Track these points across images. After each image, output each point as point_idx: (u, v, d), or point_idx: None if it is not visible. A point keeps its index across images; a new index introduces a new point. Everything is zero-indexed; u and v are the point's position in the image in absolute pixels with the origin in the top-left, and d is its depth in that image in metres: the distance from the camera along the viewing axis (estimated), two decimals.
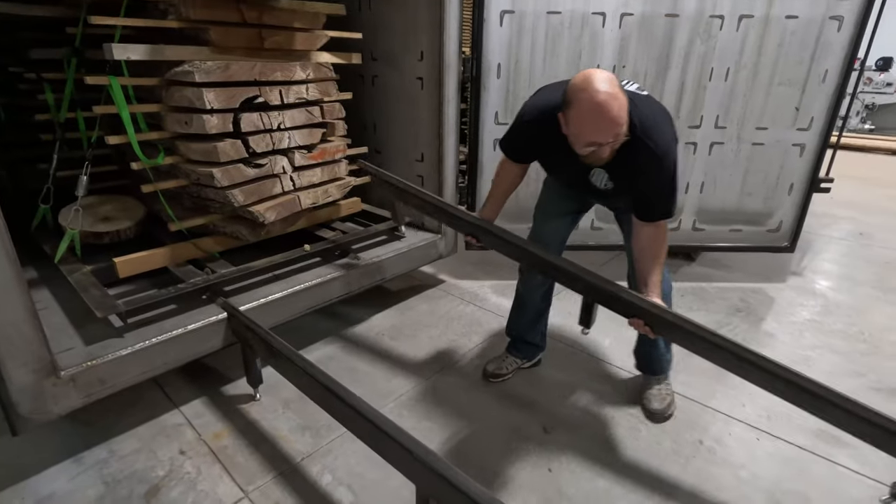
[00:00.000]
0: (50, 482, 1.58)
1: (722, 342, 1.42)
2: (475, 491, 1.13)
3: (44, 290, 2.04)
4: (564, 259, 1.75)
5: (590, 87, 1.30)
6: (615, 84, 1.32)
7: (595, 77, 1.31)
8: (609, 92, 1.29)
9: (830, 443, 1.82)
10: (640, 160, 1.46)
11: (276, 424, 1.84)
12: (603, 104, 1.29)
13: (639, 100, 1.46)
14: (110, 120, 1.99)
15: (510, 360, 2.15)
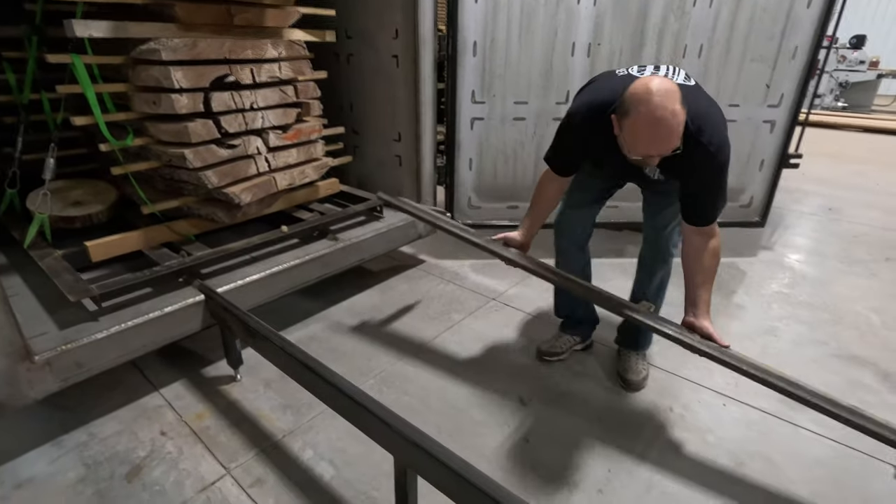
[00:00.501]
0: (29, 466, 1.58)
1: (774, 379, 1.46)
2: (450, 459, 1.17)
3: (14, 277, 2.00)
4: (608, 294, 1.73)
5: (651, 102, 1.27)
6: (675, 98, 1.27)
7: (655, 90, 1.27)
8: (670, 109, 1.26)
9: (794, 408, 1.89)
10: (693, 159, 1.41)
11: (258, 404, 1.86)
12: (662, 121, 1.27)
13: (689, 94, 1.39)
14: (76, 101, 1.94)
15: (565, 339, 2.13)
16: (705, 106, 1.46)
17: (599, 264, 2.94)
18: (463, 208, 2.95)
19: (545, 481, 1.56)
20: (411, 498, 1.34)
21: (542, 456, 1.66)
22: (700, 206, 1.54)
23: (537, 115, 2.74)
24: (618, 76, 1.55)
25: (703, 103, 1.46)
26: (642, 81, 1.31)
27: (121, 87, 1.87)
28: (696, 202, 1.54)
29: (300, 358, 1.49)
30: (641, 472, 1.60)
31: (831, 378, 2.07)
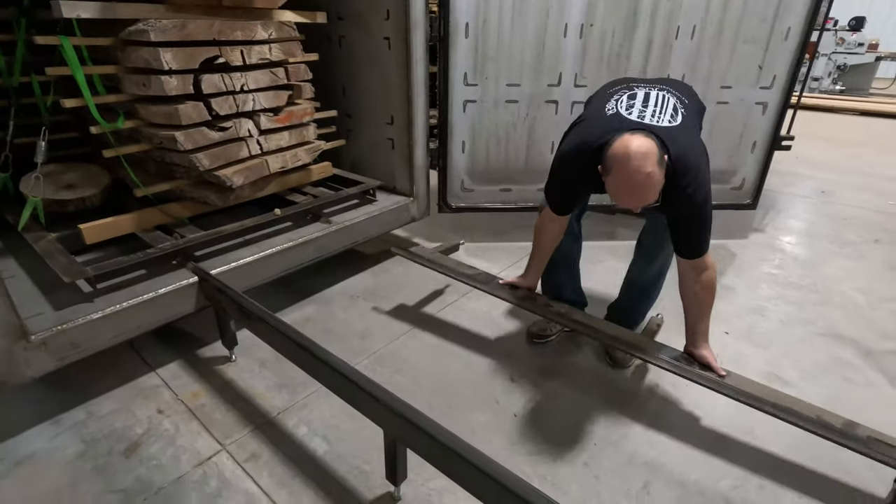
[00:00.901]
0: (29, 443, 1.62)
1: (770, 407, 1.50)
2: (437, 431, 1.21)
3: (9, 260, 2.02)
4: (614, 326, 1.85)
5: (629, 166, 1.37)
6: (651, 160, 1.36)
7: (633, 153, 1.36)
8: (645, 172, 1.35)
9: (776, 383, 1.95)
10: (676, 200, 1.51)
11: (253, 383, 1.90)
12: (638, 184, 1.38)
13: (672, 135, 1.47)
14: (66, 83, 1.93)
15: (554, 323, 2.14)
16: (685, 146, 1.50)
17: (591, 247, 2.98)
18: (456, 191, 2.96)
19: (532, 454, 1.60)
20: (400, 469, 1.38)
21: (530, 430, 1.70)
22: (688, 242, 1.60)
23: (530, 98, 2.74)
24: (606, 115, 1.60)
25: (684, 144, 1.50)
26: (622, 142, 1.40)
27: (110, 69, 1.87)
28: (683, 237, 1.61)
29: (293, 337, 1.52)
30: (626, 444, 1.65)
31: (817, 356, 2.11)
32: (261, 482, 1.50)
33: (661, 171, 1.38)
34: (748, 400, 1.53)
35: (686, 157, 1.47)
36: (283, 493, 1.46)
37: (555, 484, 1.51)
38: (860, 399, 1.88)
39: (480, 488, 1.16)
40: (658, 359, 1.69)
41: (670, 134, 1.48)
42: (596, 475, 1.54)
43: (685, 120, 1.57)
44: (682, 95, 1.69)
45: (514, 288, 2.02)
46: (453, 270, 2.21)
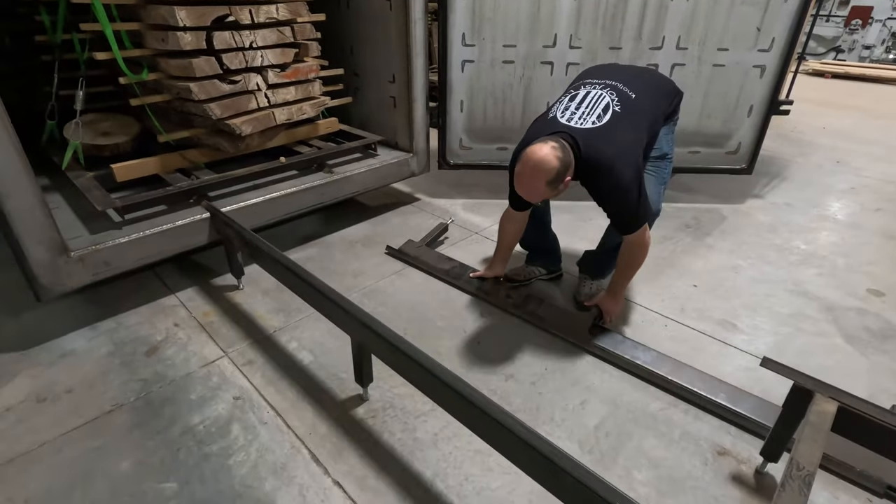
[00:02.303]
0: (71, 342, 1.96)
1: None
2: (393, 337, 1.44)
3: (55, 194, 2.36)
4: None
5: (522, 173, 1.62)
6: (540, 174, 1.57)
7: (525, 161, 1.59)
8: (529, 183, 1.61)
9: (729, 329, 2.09)
10: (598, 194, 1.71)
11: (255, 307, 2.18)
12: (522, 186, 1.65)
13: (588, 138, 1.64)
14: (102, 40, 2.19)
15: (529, 269, 2.37)
16: (599, 147, 1.64)
17: (584, 207, 3.11)
18: (454, 149, 3.13)
19: (486, 373, 1.83)
20: (366, 373, 1.63)
21: (489, 354, 1.92)
22: (616, 224, 1.80)
23: (525, 58, 2.85)
24: (546, 118, 1.78)
25: (598, 145, 1.64)
26: (527, 152, 1.60)
27: (135, 26, 2.11)
28: (613, 220, 1.80)
29: (281, 260, 1.78)
30: (574, 371, 1.85)
31: (777, 309, 2.23)
32: (253, 380, 1.78)
33: (550, 187, 1.60)
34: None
35: (597, 159, 1.63)
36: (270, 390, 1.75)
37: (502, 397, 1.73)
38: (804, 347, 2.00)
39: (430, 389, 1.37)
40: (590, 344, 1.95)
41: (587, 136, 1.65)
42: (540, 392, 1.75)
43: (614, 119, 1.69)
44: (633, 91, 1.78)
45: (481, 280, 2.29)
46: (433, 266, 2.44)
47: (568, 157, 1.61)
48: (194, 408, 1.67)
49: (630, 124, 1.72)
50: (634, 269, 1.92)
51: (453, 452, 1.52)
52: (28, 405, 1.67)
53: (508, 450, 1.19)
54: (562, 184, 1.62)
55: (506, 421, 1.14)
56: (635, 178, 1.66)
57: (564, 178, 1.61)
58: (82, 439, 1.55)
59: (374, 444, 1.55)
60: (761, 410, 1.61)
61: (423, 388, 1.42)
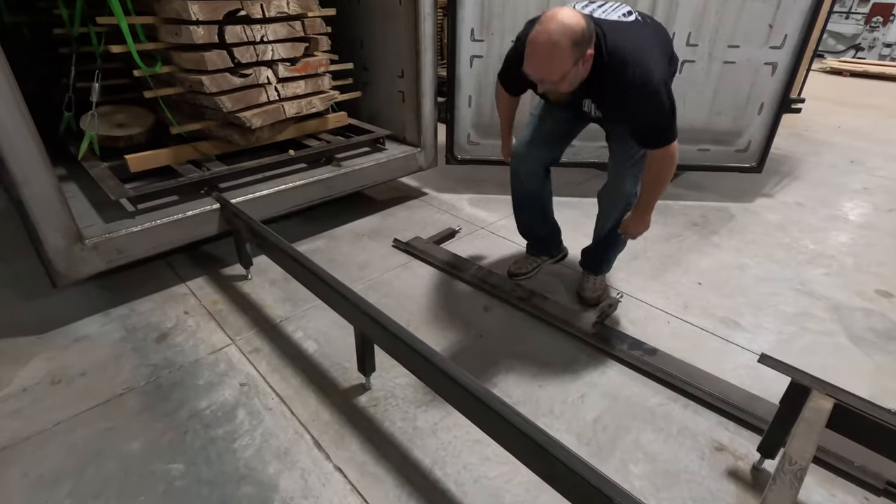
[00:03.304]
0: (85, 327, 2.02)
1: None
2: (393, 325, 1.47)
3: (72, 184, 2.42)
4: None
5: (538, 26, 1.38)
6: (564, 32, 1.35)
7: (549, 18, 1.37)
8: (551, 39, 1.36)
9: (731, 327, 2.09)
10: (619, 92, 1.50)
11: (263, 296, 2.23)
12: (538, 46, 1.39)
13: (615, 29, 1.48)
14: (118, 33, 2.24)
15: (531, 260, 2.33)
16: (634, 43, 1.49)
17: (591, 203, 3.12)
18: (462, 144, 3.15)
19: (488, 365, 1.85)
20: (368, 362, 1.66)
21: (492, 347, 1.95)
22: (646, 135, 1.60)
23: None
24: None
25: (632, 39, 1.50)
26: (547, 13, 1.40)
27: (149, 20, 2.16)
28: (641, 132, 1.61)
29: (286, 250, 1.82)
30: (576, 366, 1.86)
31: (782, 308, 2.22)
32: (259, 368, 1.83)
33: (573, 51, 1.38)
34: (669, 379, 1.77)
35: (624, 52, 1.46)
36: (275, 377, 1.79)
37: (502, 389, 1.75)
38: (807, 346, 2.00)
39: (430, 378, 1.40)
40: (592, 339, 1.94)
41: (613, 27, 1.49)
42: (541, 385, 1.77)
43: (638, 23, 1.56)
44: (649, 19, 1.68)
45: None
46: (438, 259, 2.46)
47: (591, 26, 1.41)
48: (202, 393, 1.71)
49: (652, 38, 1.58)
50: (663, 185, 1.72)
51: (452, 442, 1.55)
52: (43, 386, 1.73)
53: (503, 438, 1.21)
54: (583, 59, 1.42)
55: (501, 409, 1.17)
56: (665, 83, 1.49)
57: (587, 48, 1.41)
58: (95, 420, 1.60)
59: (375, 432, 1.58)
60: (760, 407, 1.62)
61: (422, 377, 1.45)
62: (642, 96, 1.49)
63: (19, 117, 1.62)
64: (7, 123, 1.60)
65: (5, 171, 1.64)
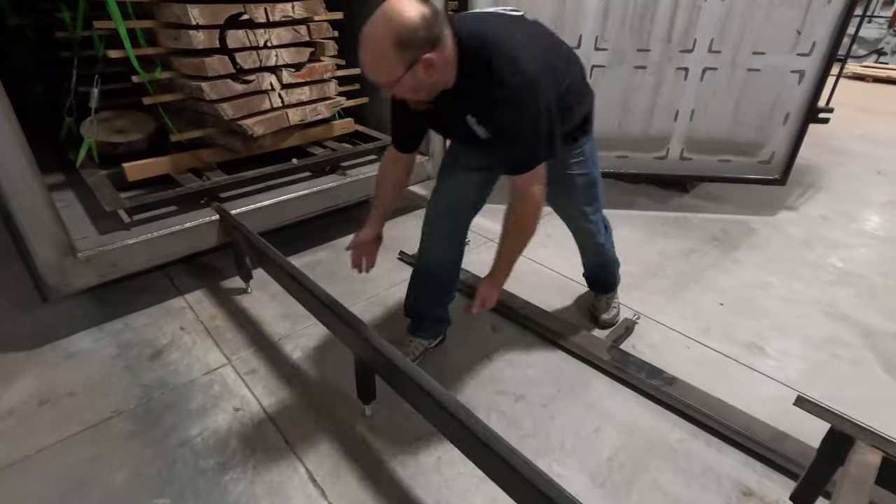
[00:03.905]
0: (77, 343, 1.94)
1: None
2: (393, 355, 1.37)
3: (69, 191, 2.36)
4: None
5: (372, 18, 1.13)
6: (391, 23, 1.10)
7: (382, 9, 1.12)
8: (376, 26, 1.11)
9: (756, 353, 1.96)
10: (481, 88, 1.21)
11: (262, 312, 2.14)
12: (364, 38, 1.13)
13: (498, 23, 1.24)
14: (118, 37, 2.17)
15: (416, 343, 1.84)
16: (512, 37, 1.21)
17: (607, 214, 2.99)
18: None
19: (497, 392, 1.74)
20: (368, 389, 1.57)
21: (499, 371, 1.84)
22: (509, 149, 1.28)
23: None
24: None
25: (510, 33, 1.22)
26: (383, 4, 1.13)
27: (148, 24, 2.08)
28: (506, 142, 1.28)
29: (284, 266, 1.73)
30: (589, 395, 1.75)
31: (810, 332, 2.09)
32: (255, 391, 1.74)
33: (397, 53, 1.11)
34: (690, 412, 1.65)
35: (506, 45, 1.19)
36: (271, 401, 1.70)
37: (511, 420, 1.64)
38: (839, 376, 1.86)
39: (430, 413, 1.30)
40: (607, 365, 1.83)
41: (480, 15, 1.26)
42: (552, 416, 1.66)
43: (526, 21, 1.32)
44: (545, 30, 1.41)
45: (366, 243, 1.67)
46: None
47: (438, 22, 1.13)
48: (194, 418, 1.63)
49: (543, 37, 1.33)
50: (524, 236, 1.39)
51: (456, 479, 1.45)
52: (30, 407, 1.66)
53: (508, 485, 1.11)
54: (418, 63, 1.13)
55: (510, 458, 1.06)
56: (542, 83, 1.19)
57: (422, 50, 1.12)
58: (80, 446, 1.52)
59: (374, 466, 1.48)
60: (791, 447, 1.49)
61: (422, 411, 1.35)
62: (505, 95, 1.19)
63: (8, 128, 1.54)
64: None
65: None
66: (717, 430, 1.60)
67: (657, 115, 2.84)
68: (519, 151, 1.27)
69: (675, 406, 1.68)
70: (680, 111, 2.82)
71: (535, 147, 1.25)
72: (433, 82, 1.21)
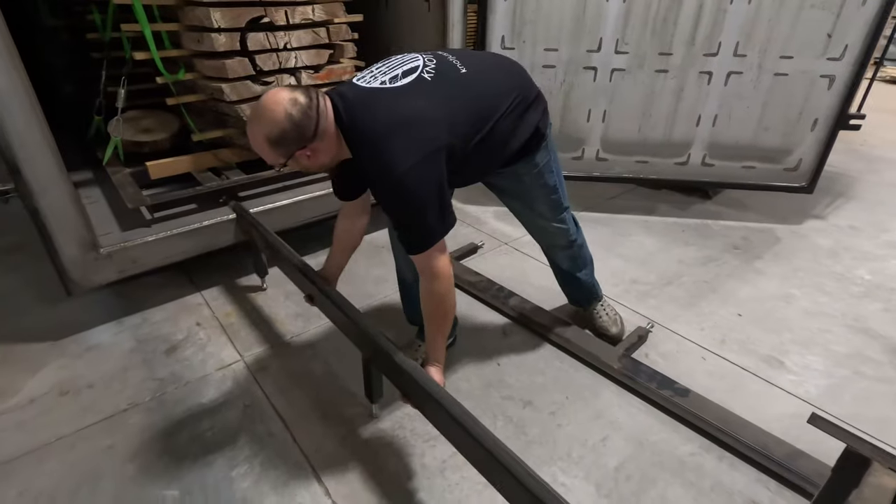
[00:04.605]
0: (98, 336, 2.01)
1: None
2: (397, 355, 1.37)
3: (95, 188, 2.44)
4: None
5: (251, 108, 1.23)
6: (262, 125, 1.17)
7: (255, 106, 1.20)
8: (251, 125, 1.20)
9: (775, 367, 1.90)
10: (368, 178, 1.29)
11: (276, 310, 2.17)
12: (249, 123, 1.23)
13: (368, 99, 1.24)
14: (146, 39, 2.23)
15: (419, 345, 1.89)
16: (385, 122, 1.20)
17: (624, 220, 2.97)
18: None
19: (504, 397, 1.73)
20: (376, 389, 1.57)
21: (508, 376, 1.83)
22: (399, 231, 1.31)
23: (567, 63, 2.72)
24: None
25: (378, 113, 1.22)
26: (264, 97, 1.20)
27: (173, 27, 2.14)
28: (394, 225, 1.34)
29: (298, 265, 1.75)
30: (597, 403, 1.73)
31: (833, 347, 2.01)
32: (265, 388, 1.76)
33: (274, 150, 1.20)
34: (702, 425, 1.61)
35: (363, 127, 1.21)
36: (281, 399, 1.72)
37: (518, 426, 1.63)
38: (862, 393, 1.79)
39: (435, 417, 1.31)
40: (617, 374, 1.80)
41: (362, 96, 1.24)
42: (559, 423, 1.64)
43: (414, 84, 1.26)
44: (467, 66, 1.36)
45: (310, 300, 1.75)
46: (458, 278, 2.26)
47: (309, 120, 1.17)
48: (205, 413, 1.66)
49: (441, 97, 1.27)
50: (438, 318, 1.36)
51: (460, 483, 1.44)
52: (51, 397, 1.72)
53: (511, 494, 1.10)
54: (301, 152, 1.21)
55: (515, 469, 1.05)
56: (419, 169, 1.19)
57: (295, 145, 1.19)
58: (96, 436, 1.57)
59: (379, 468, 1.49)
60: (807, 465, 1.44)
61: (427, 414, 1.35)
62: (380, 185, 1.25)
63: (38, 131, 1.60)
64: (25, 135, 1.58)
65: (21, 182, 1.63)
66: (729, 445, 1.55)
67: (679, 120, 2.78)
68: (410, 235, 1.27)
69: (686, 418, 1.64)
70: (702, 116, 2.75)
71: (423, 230, 1.25)
72: (322, 163, 1.28)
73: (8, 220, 2.82)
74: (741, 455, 1.53)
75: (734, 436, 1.54)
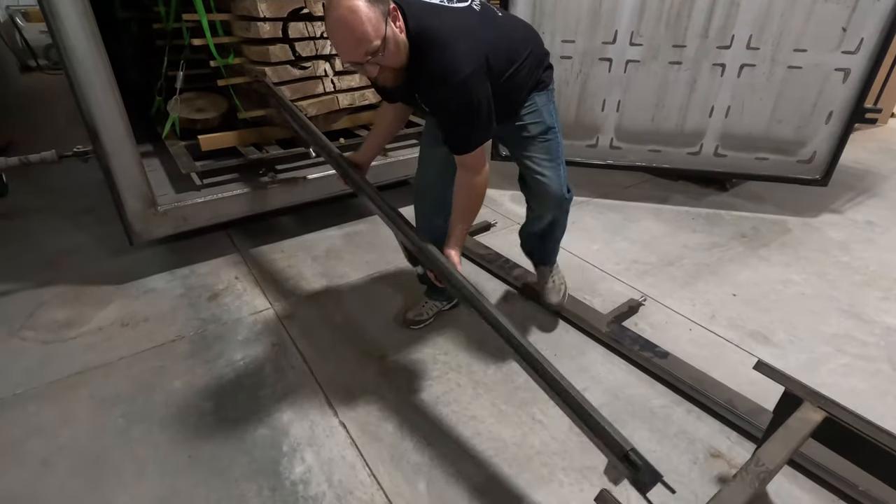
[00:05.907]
0: (153, 282, 2.33)
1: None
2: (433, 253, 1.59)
3: (155, 159, 2.78)
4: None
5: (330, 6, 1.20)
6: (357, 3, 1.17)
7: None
8: (350, 5, 1.17)
9: (760, 342, 2.01)
10: (423, 76, 1.34)
11: (303, 270, 2.44)
12: (340, 20, 1.18)
13: (442, 14, 1.34)
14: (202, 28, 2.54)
15: (430, 305, 2.08)
16: (451, 28, 1.30)
17: (636, 207, 3.09)
18: None
19: (497, 349, 1.93)
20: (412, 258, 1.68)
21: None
22: (448, 133, 1.42)
23: (583, 55, 2.86)
24: None
25: (450, 24, 1.31)
26: None
27: (226, 17, 2.43)
28: (444, 127, 1.43)
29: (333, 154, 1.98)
30: (582, 359, 1.90)
31: (821, 328, 2.09)
32: (291, 331, 2.03)
33: (373, 11, 1.17)
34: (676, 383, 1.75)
35: (443, 37, 1.28)
36: (303, 341, 1.98)
37: (506, 374, 1.83)
38: (840, 368, 1.88)
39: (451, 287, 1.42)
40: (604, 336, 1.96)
41: (443, 10, 1.34)
42: None
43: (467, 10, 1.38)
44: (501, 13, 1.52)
45: (353, 165, 1.85)
46: (469, 250, 2.51)
47: (385, 5, 1.21)
48: (239, 347, 1.94)
49: (487, 27, 1.41)
50: (470, 207, 1.52)
51: (450, 416, 1.65)
52: (115, 327, 2.04)
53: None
54: (389, 15, 1.21)
55: (503, 331, 1.27)
56: (478, 75, 1.31)
57: (387, 3, 1.21)
58: (150, 359, 1.87)
59: (382, 398, 1.72)
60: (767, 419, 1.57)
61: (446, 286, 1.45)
62: (441, 85, 1.30)
63: (113, 103, 1.92)
64: (104, 108, 1.90)
65: (99, 145, 1.95)
66: (700, 402, 1.70)
67: (691, 111, 2.88)
68: (457, 136, 1.40)
69: (662, 377, 1.79)
70: (715, 107, 2.84)
71: (470, 134, 1.39)
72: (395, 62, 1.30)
73: (81, 185, 3.23)
74: (708, 409, 1.67)
75: (704, 392, 1.68)
